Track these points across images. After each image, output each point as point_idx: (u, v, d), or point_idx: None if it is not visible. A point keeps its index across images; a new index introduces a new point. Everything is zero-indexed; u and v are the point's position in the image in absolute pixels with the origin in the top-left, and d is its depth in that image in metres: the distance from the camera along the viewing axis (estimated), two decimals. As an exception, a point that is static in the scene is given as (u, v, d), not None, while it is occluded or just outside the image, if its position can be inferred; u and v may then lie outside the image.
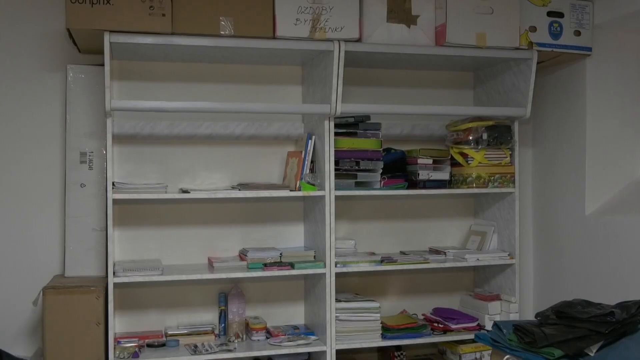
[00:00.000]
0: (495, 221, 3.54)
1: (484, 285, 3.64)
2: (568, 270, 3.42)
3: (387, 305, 3.52)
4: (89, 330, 2.89)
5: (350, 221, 3.54)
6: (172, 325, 3.28)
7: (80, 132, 3.13)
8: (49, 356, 2.86)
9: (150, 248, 3.28)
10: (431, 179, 3.33)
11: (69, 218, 3.12)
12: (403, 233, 3.62)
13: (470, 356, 3.36)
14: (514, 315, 3.35)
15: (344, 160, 3.15)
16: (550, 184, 3.58)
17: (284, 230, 3.44)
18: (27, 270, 3.18)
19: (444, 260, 3.35)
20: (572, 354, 2.39)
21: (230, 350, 3.05)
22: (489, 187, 3.35)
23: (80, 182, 3.12)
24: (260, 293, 3.41)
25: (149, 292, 3.27)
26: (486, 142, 3.31)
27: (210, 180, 3.34)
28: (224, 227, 3.37)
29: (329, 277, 3.11)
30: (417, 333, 3.26)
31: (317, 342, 3.17)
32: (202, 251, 3.33)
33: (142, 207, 3.26)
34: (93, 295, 2.89)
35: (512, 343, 2.62)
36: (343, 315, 3.16)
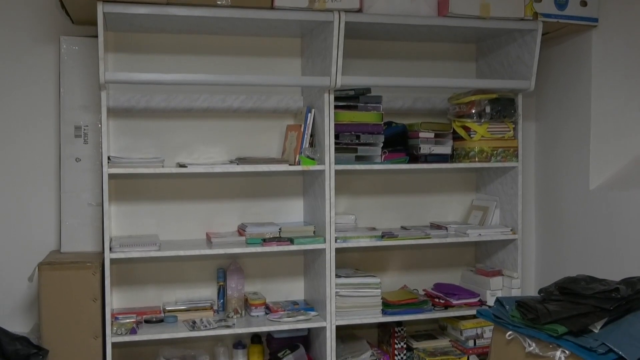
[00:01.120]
0: (497, 196, 3.49)
1: (485, 261, 3.61)
2: (571, 245, 3.38)
3: (387, 281, 3.49)
4: (86, 307, 2.86)
5: (351, 196, 3.49)
6: (170, 301, 3.25)
7: (74, 105, 3.07)
8: (46, 332, 2.83)
9: (148, 223, 3.24)
10: (433, 153, 3.29)
11: (65, 193, 3.07)
12: (404, 208, 3.57)
13: (472, 332, 3.33)
14: (515, 291, 3.31)
15: (344, 134, 3.10)
16: (554, 158, 3.52)
17: (283, 205, 3.40)
18: (23, 246, 3.14)
19: (445, 236, 3.31)
20: (576, 331, 2.35)
21: (229, 326, 3.02)
22: (491, 161, 3.30)
23: (75, 157, 3.07)
24: (259, 268, 3.38)
25: (146, 267, 3.24)
26: (489, 115, 3.26)
27: (208, 154, 3.29)
28: (222, 202, 3.32)
29: (329, 253, 3.07)
30: (418, 309, 3.24)
31: (317, 317, 3.15)
32: (200, 226, 3.29)
33: (139, 181, 3.21)
34: (89, 271, 2.86)
35: (515, 319, 2.58)
36: (343, 290, 3.13)
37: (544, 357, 2.44)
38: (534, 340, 2.49)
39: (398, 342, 3.34)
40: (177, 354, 3.16)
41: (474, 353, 3.31)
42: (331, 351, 3.09)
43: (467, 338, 3.33)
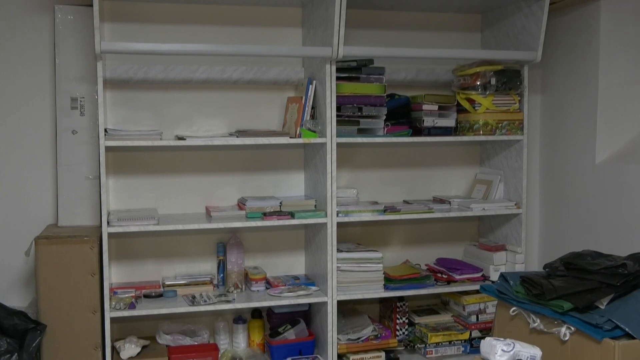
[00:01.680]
0: (501, 170, 3.44)
1: (488, 236, 3.57)
2: (576, 220, 3.33)
3: (389, 256, 3.45)
4: (84, 281, 2.82)
5: (352, 169, 3.44)
6: (170, 276, 3.22)
7: (70, 76, 3.01)
8: (43, 307, 2.80)
9: (146, 197, 3.20)
10: (436, 125, 3.23)
11: (61, 166, 3.02)
12: (406, 182, 3.53)
13: (474, 307, 3.31)
14: (519, 266, 3.28)
15: (346, 106, 3.05)
16: (560, 132, 3.46)
17: (283, 179, 3.35)
18: (20, 220, 3.10)
19: (448, 210, 3.27)
20: (581, 307, 2.32)
21: (229, 301, 2.99)
22: (496, 134, 3.24)
23: (71, 129, 3.02)
24: (259, 243, 3.34)
25: (145, 242, 3.20)
26: (494, 87, 3.19)
27: (207, 126, 3.23)
28: (222, 175, 3.27)
29: (330, 227, 3.03)
30: (420, 284, 3.20)
31: (318, 292, 3.12)
32: (200, 200, 3.25)
33: (137, 154, 3.16)
34: (87, 245, 2.82)
35: (519, 295, 2.55)
36: (345, 265, 3.09)
37: (549, 333, 2.41)
38: (539, 316, 2.46)
39: (400, 317, 3.31)
40: (177, 328, 3.14)
41: (477, 328, 3.29)
42: (332, 326, 3.06)
43: (470, 313, 3.30)
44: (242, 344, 3.22)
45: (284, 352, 3.12)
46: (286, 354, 3.12)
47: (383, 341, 3.16)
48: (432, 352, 3.22)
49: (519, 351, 2.16)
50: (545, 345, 2.29)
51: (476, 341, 3.27)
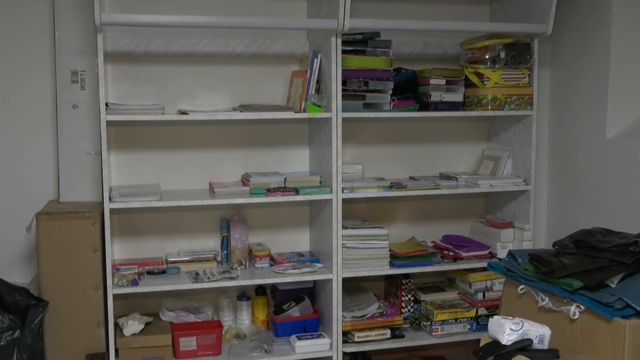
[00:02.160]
0: (509, 145, 3.39)
1: (496, 212, 3.52)
2: (586, 197, 3.27)
3: (395, 233, 3.41)
4: (86, 258, 2.80)
5: (358, 145, 3.39)
6: (173, 252, 3.19)
7: (70, 49, 2.95)
8: (45, 284, 2.78)
9: (149, 173, 3.16)
10: (444, 100, 3.18)
11: (62, 141, 2.98)
12: (413, 158, 3.48)
13: (481, 284, 3.27)
14: (527, 243, 3.24)
15: (351, 80, 2.99)
16: (570, 106, 3.39)
17: (288, 154, 3.31)
18: (21, 196, 3.07)
19: (455, 186, 3.22)
20: (592, 285, 2.28)
21: (232, 278, 2.96)
22: (505, 109, 3.18)
23: (72, 103, 2.97)
24: (263, 219, 3.30)
25: (148, 218, 3.16)
26: (503, 61, 3.13)
27: (210, 101, 3.18)
28: (226, 150, 3.23)
29: (336, 203, 2.99)
30: (426, 261, 3.17)
31: (323, 269, 3.08)
32: (203, 176, 3.21)
33: (139, 129, 3.11)
34: (89, 221, 2.79)
35: (528, 273, 2.51)
36: (350, 242, 3.05)
37: (558, 311, 2.38)
38: (547, 294, 2.42)
39: (405, 295, 3.28)
40: (180, 305, 3.12)
41: (483, 306, 3.26)
42: (337, 303, 3.03)
43: (476, 291, 3.27)
44: (246, 321, 3.20)
45: (289, 329, 3.10)
46: (291, 331, 3.10)
47: (388, 319, 3.13)
48: (437, 329, 3.19)
49: (527, 330, 2.13)
50: (553, 324, 2.25)
51: (482, 319, 3.24)
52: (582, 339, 2.29)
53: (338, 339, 3.05)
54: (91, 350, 2.82)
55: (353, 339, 3.08)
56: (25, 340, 2.65)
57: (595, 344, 2.23)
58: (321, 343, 3.05)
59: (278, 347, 3.07)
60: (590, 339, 2.26)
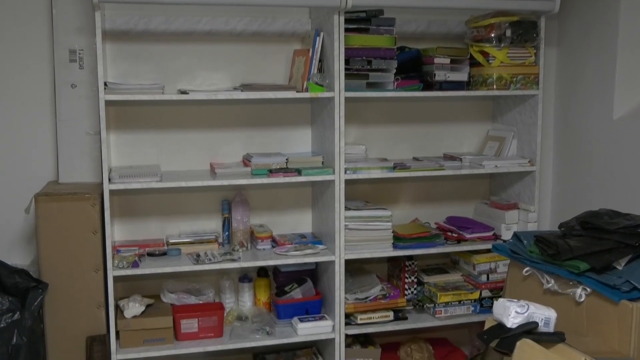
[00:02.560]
0: (515, 126, 3.34)
1: (500, 194, 3.48)
2: (592, 178, 3.23)
3: (398, 214, 3.37)
4: (86, 239, 2.77)
5: (361, 125, 3.35)
6: (174, 234, 3.16)
7: (68, 27, 2.90)
8: (45, 266, 2.76)
9: (149, 153, 3.12)
10: (448, 80, 3.12)
11: (61, 121, 2.94)
12: (416, 138, 3.43)
13: (485, 266, 3.24)
14: (532, 225, 3.20)
15: (354, 59, 2.94)
16: (576, 86, 3.34)
17: (290, 135, 3.27)
18: (20, 177, 3.04)
19: (459, 167, 3.18)
20: (598, 268, 2.24)
21: (234, 260, 2.93)
22: (510, 88, 3.13)
23: (70, 83, 2.93)
24: (265, 200, 3.27)
25: (148, 199, 3.13)
26: (509, 39, 3.07)
27: (211, 80, 3.13)
28: (227, 131, 3.19)
29: (338, 184, 2.95)
30: (430, 243, 3.13)
31: (326, 251, 3.05)
32: (204, 156, 3.17)
33: (139, 109, 3.07)
34: (88, 202, 2.76)
35: (533, 255, 2.47)
36: (353, 223, 3.02)
37: (563, 294, 2.35)
38: (553, 276, 2.40)
39: (408, 277, 3.26)
40: (181, 287, 3.10)
41: (487, 288, 3.23)
42: (340, 285, 3.01)
43: (480, 273, 3.24)
44: (247, 302, 3.18)
45: (291, 312, 3.08)
46: (293, 313, 3.07)
47: (391, 301, 3.11)
48: (441, 311, 3.16)
49: (533, 313, 2.10)
50: (559, 306, 2.22)
51: (486, 301, 3.21)
52: (587, 321, 2.26)
53: (340, 321, 3.03)
54: (92, 332, 2.81)
55: (356, 321, 3.06)
56: (25, 323, 2.63)
57: (602, 326, 2.21)
58: (323, 325, 3.03)
59: (280, 329, 3.05)
60: (597, 321, 2.23)
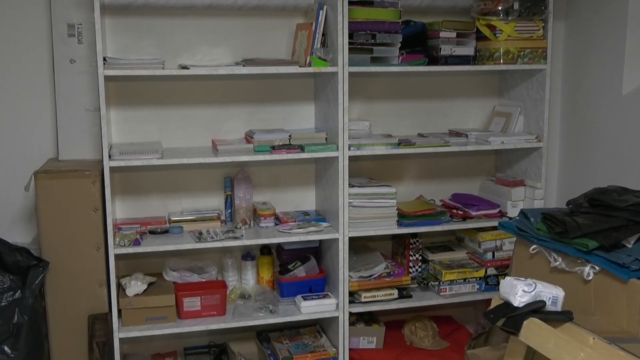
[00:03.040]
0: (522, 101, 3.29)
1: (506, 170, 3.43)
2: (600, 154, 3.18)
3: (403, 191, 3.34)
4: (86, 217, 2.74)
5: (365, 101, 3.29)
6: (176, 211, 3.13)
7: (66, 1, 2.83)
8: (45, 244, 2.74)
9: (150, 130, 3.08)
10: (454, 54, 3.07)
11: (60, 97, 2.90)
12: (421, 114, 3.38)
13: (490, 244, 3.20)
14: (538, 202, 3.16)
15: (358, 33, 2.89)
16: (585, 60, 3.27)
17: (293, 111, 3.22)
18: (20, 154, 3.01)
19: (465, 143, 3.13)
20: (607, 246, 2.20)
21: (237, 238, 2.90)
22: (518, 63, 3.08)
23: (69, 58, 2.87)
24: (268, 177, 3.23)
25: (150, 176, 3.10)
26: (517, 12, 3.02)
27: (212, 55, 3.08)
28: (229, 107, 3.14)
29: (342, 161, 2.91)
30: (435, 220, 3.10)
31: (329, 229, 3.02)
32: (205, 133, 3.13)
33: (139, 85, 3.02)
34: (88, 180, 2.72)
35: (540, 232, 2.43)
36: (357, 201, 2.98)
37: (571, 272, 2.31)
38: (560, 254, 2.35)
39: (413, 254, 3.22)
40: (184, 265, 3.08)
41: (492, 266, 3.20)
42: (343, 263, 2.98)
43: (486, 250, 3.20)
44: (250, 280, 3.16)
45: (294, 290, 3.05)
46: (296, 291, 3.05)
47: (396, 279, 3.08)
48: (446, 289, 3.14)
49: (540, 292, 2.06)
50: (566, 285, 2.18)
51: (492, 279, 3.18)
52: (595, 300, 2.23)
53: (344, 299, 3.00)
54: (94, 310, 2.79)
55: (360, 299, 3.03)
56: (26, 301, 2.61)
57: (610, 305, 2.17)
58: (327, 303, 3.00)
59: (283, 307, 3.03)
60: (605, 300, 2.20)
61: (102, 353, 2.77)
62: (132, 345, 3.12)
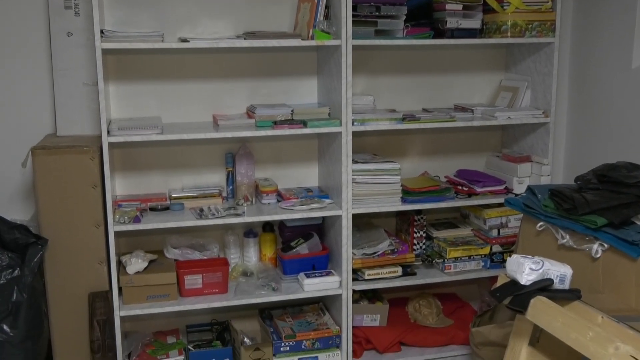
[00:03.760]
0: (529, 75, 3.22)
1: (512, 146, 3.38)
2: (608, 130, 3.11)
3: (407, 167, 3.29)
4: (85, 194, 2.70)
5: (369, 75, 3.23)
6: (177, 188, 3.09)
7: (62, -28, 2.77)
8: (44, 221, 2.69)
9: (150, 105, 3.02)
10: (460, 27, 3.00)
11: (57, 72, 2.84)
12: (426, 88, 3.32)
13: (496, 221, 3.16)
14: (545, 178, 3.11)
15: (362, 5, 2.83)
16: (593, 33, 3.19)
17: (295, 85, 3.16)
18: (17, 130, 2.96)
19: (471, 119, 3.08)
20: (617, 223, 2.16)
21: (238, 215, 2.86)
22: (525, 36, 3.01)
23: (66, 31, 2.81)
24: (270, 153, 3.18)
25: (150, 152, 3.05)
26: (525, -17, 2.93)
27: (213, 28, 3.01)
28: (230, 81, 3.08)
29: (345, 136, 2.86)
30: (439, 196, 3.05)
31: (332, 205, 2.98)
32: (206, 108, 3.08)
33: (139, 58, 2.96)
34: (87, 155, 2.67)
35: (548, 209, 2.39)
36: (360, 177, 2.93)
37: (578, 250, 2.27)
38: (568, 232, 2.32)
39: (417, 231, 3.18)
40: (185, 242, 3.04)
41: (498, 243, 3.15)
42: (347, 240, 2.94)
43: (491, 227, 3.16)
44: (253, 258, 3.12)
45: (297, 267, 3.02)
46: (299, 268, 3.02)
47: (400, 256, 3.04)
48: (450, 267, 3.10)
49: (548, 269, 2.02)
50: (573, 262, 2.14)
51: (497, 256, 3.14)
52: (604, 278, 2.19)
53: (348, 277, 2.97)
54: (94, 288, 2.75)
55: (363, 276, 3.00)
56: (25, 279, 2.57)
57: (618, 283, 2.14)
58: (330, 281, 2.97)
59: (286, 285, 2.99)
60: (613, 278, 2.16)
61: (102, 331, 2.75)
62: (133, 323, 3.10)
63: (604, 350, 1.69)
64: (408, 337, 3.15)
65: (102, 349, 2.76)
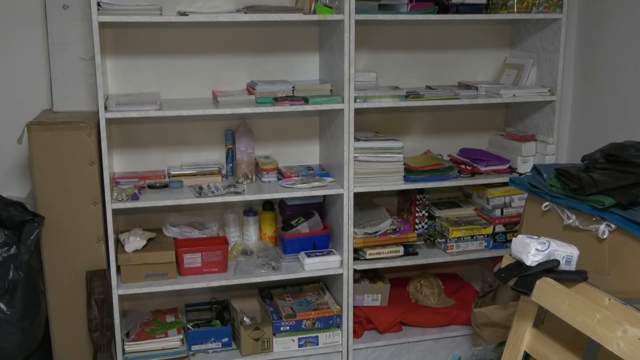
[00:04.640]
0: (535, 52, 3.16)
1: (517, 125, 3.32)
2: (615, 108, 3.06)
3: (410, 145, 3.24)
4: (83, 171, 2.65)
5: (372, 51, 3.17)
6: (175, 165, 3.05)
7: (58, -58, 2.70)
8: (40, 198, 2.65)
9: (148, 80, 2.97)
10: (465, 2, 2.95)
11: (53, 45, 2.78)
12: (430, 65, 3.26)
13: (499, 200, 3.11)
14: (550, 157, 3.06)
15: (365, -22, 2.76)
16: (601, 9, 3.12)
17: (297, 61, 3.10)
18: (13, 105, 2.91)
19: (475, 96, 3.02)
20: (624, 203, 2.11)
21: (238, 193, 2.81)
22: (532, 11, 2.95)
23: (62, 4, 2.75)
24: (270, 130, 3.13)
25: (149, 129, 3.00)
26: (533, -43, 2.86)
27: (213, 2, 2.94)
28: (230, 56, 3.02)
29: (348, 114, 2.81)
30: (442, 175, 3.00)
31: (334, 184, 2.93)
32: (206, 84, 3.02)
33: (137, 32, 2.90)
34: (84, 132, 2.62)
35: (554, 189, 2.35)
36: (362, 155, 2.89)
37: (585, 230, 2.23)
38: (574, 212, 2.27)
39: (419, 211, 3.14)
40: (185, 221, 3.00)
41: (501, 223, 3.11)
42: (348, 219, 2.90)
43: (494, 207, 3.12)
44: (253, 236, 3.08)
45: (297, 246, 2.99)
46: (299, 247, 2.99)
47: (401, 235, 3.00)
48: (453, 247, 3.06)
49: (554, 250, 1.98)
50: (580, 243, 2.10)
51: (500, 236, 3.10)
52: (610, 259, 2.16)
53: (349, 256, 2.93)
54: (92, 267, 2.72)
55: (364, 256, 2.96)
56: (22, 257, 2.54)
57: (625, 264, 2.10)
58: (331, 260, 2.93)
59: (286, 264, 2.96)
60: (620, 259, 2.12)
61: (100, 310, 2.72)
62: (131, 302, 3.07)
63: (611, 333, 1.65)
64: (409, 317, 3.13)
65: (100, 328, 2.73)
